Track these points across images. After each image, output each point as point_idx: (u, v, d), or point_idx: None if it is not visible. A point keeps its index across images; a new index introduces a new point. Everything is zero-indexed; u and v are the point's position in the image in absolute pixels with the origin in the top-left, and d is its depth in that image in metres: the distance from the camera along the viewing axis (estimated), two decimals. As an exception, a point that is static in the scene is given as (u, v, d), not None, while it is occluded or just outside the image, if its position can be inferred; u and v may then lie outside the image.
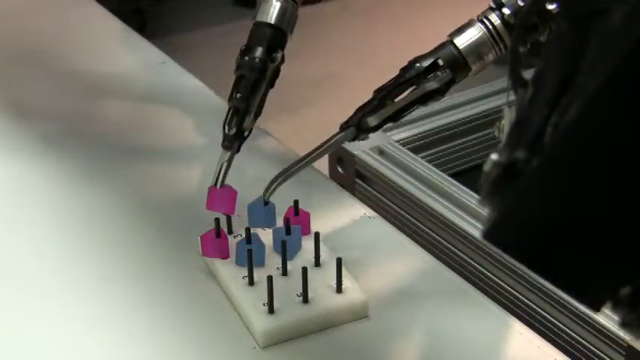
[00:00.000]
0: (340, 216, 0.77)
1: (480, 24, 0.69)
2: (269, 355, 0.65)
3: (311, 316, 0.66)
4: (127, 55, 1.07)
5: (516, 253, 0.41)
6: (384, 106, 0.68)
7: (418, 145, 1.00)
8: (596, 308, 0.41)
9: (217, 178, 0.71)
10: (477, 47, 0.68)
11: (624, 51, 0.37)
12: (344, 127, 0.69)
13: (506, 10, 0.69)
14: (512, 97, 0.47)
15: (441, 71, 0.68)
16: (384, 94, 0.68)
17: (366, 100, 0.71)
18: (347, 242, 0.74)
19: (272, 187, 0.69)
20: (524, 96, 0.44)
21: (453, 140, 1.02)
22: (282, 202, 0.72)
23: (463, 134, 1.02)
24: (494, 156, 0.41)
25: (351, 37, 2.76)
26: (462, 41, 0.69)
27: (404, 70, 0.69)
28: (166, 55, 1.06)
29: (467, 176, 0.98)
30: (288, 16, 0.75)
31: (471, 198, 0.86)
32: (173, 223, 0.79)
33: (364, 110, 0.69)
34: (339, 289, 0.67)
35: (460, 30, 0.69)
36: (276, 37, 0.75)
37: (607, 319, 0.72)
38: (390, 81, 0.69)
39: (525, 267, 0.41)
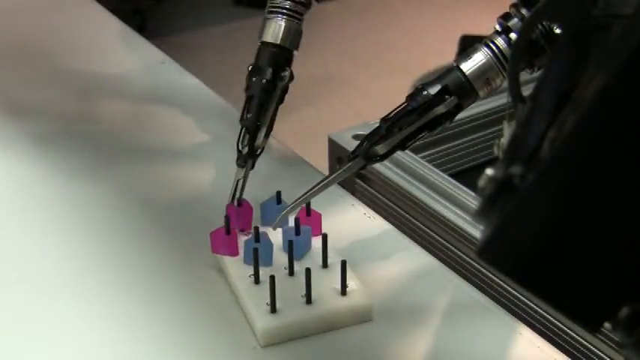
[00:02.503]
0: (340, 216, 0.77)
1: (486, 48, 0.68)
2: (269, 354, 0.65)
3: (313, 317, 0.66)
4: (127, 55, 1.07)
5: (509, 272, 0.39)
6: (391, 135, 0.68)
7: (418, 145, 1.00)
8: (594, 330, 0.40)
9: (234, 195, 0.74)
10: (483, 72, 0.67)
11: (619, 62, 0.37)
12: (351, 157, 0.69)
13: (513, 35, 0.67)
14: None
15: (448, 97, 0.67)
16: (391, 123, 0.68)
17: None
18: (347, 242, 0.74)
19: (280, 216, 0.70)
20: (523, 112, 0.43)
21: (453, 140, 1.02)
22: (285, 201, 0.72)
23: (463, 134, 1.02)
24: (489, 171, 0.40)
25: (351, 37, 2.76)
26: (469, 67, 0.68)
27: (410, 97, 0.68)
28: (166, 55, 1.06)
29: (467, 176, 0.98)
30: (292, 33, 0.77)
31: (471, 198, 0.86)
32: (177, 220, 0.79)
33: (371, 139, 0.68)
34: (343, 291, 0.67)
35: (466, 55, 0.68)
36: (282, 56, 0.76)
37: (607, 319, 0.72)
38: (396, 109, 0.68)
39: (519, 286, 0.40)
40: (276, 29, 0.76)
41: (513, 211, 0.39)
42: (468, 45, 2.49)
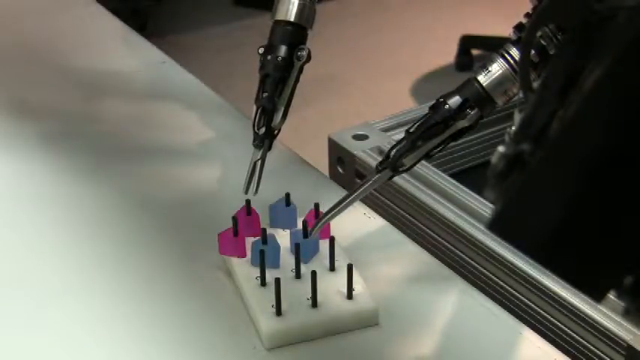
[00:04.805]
0: (340, 216, 0.77)
1: (501, 59, 0.68)
2: (274, 357, 0.65)
3: (318, 320, 0.66)
4: (127, 55, 1.07)
5: (519, 243, 0.42)
6: (417, 148, 0.69)
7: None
8: (598, 299, 0.42)
9: (250, 179, 0.73)
10: (500, 83, 0.68)
11: (618, 50, 0.39)
12: (379, 168, 0.69)
13: None
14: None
15: (469, 109, 0.68)
16: (416, 137, 0.69)
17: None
18: (347, 242, 0.74)
19: (317, 227, 0.70)
20: (533, 95, 0.45)
21: (457, 141, 1.02)
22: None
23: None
24: (501, 148, 0.42)
25: (352, 38, 2.77)
26: (486, 78, 0.68)
27: (432, 109, 0.69)
28: (166, 55, 1.06)
29: (467, 176, 0.98)
30: (306, 12, 0.75)
31: (471, 198, 0.86)
32: (182, 220, 0.79)
33: (398, 152, 0.69)
34: (349, 295, 0.67)
35: (483, 66, 0.69)
36: (296, 34, 0.75)
37: (607, 319, 0.72)
38: (419, 121, 0.69)
39: (528, 257, 0.42)
40: (289, 7, 0.75)
41: (523, 186, 0.41)
42: (468, 45, 2.52)
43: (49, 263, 0.75)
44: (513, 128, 0.47)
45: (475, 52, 2.54)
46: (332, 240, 0.69)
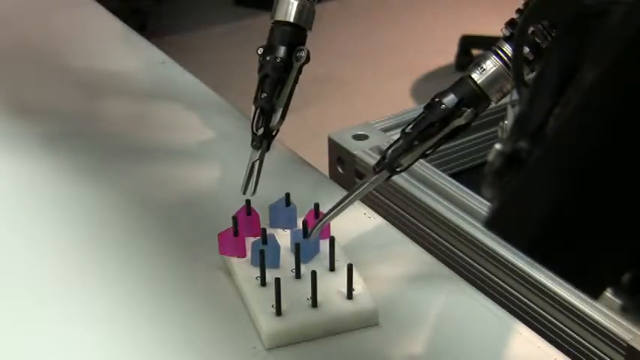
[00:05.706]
0: (340, 216, 0.77)
1: (495, 57, 0.68)
2: (274, 357, 0.65)
3: (318, 320, 0.66)
4: (127, 55, 1.07)
5: (516, 241, 0.42)
6: (413, 148, 0.69)
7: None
8: (595, 296, 0.42)
9: (248, 179, 0.73)
10: (494, 80, 0.68)
11: (617, 48, 0.39)
12: (377, 169, 0.69)
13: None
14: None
15: (464, 108, 0.68)
16: (413, 137, 0.68)
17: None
18: (347, 242, 0.74)
19: (316, 228, 0.70)
20: (528, 92, 0.45)
21: (453, 140, 1.02)
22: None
23: (463, 134, 1.02)
24: (497, 146, 0.42)
25: (352, 37, 2.77)
26: (480, 76, 0.69)
27: (428, 109, 0.69)
28: (166, 55, 1.06)
29: (467, 176, 0.98)
30: (305, 13, 0.75)
31: (470, 198, 0.86)
32: (182, 220, 0.79)
33: (394, 152, 0.69)
34: (349, 295, 0.67)
35: (477, 64, 0.69)
36: (295, 34, 0.75)
37: (607, 318, 0.72)
38: (415, 121, 0.69)
39: (525, 255, 0.42)
40: (288, 8, 0.75)
41: (521, 184, 0.41)
42: (468, 45, 2.53)
43: (49, 263, 0.75)
44: (507, 122, 0.47)
45: (475, 52, 2.54)
46: (332, 240, 0.69)
